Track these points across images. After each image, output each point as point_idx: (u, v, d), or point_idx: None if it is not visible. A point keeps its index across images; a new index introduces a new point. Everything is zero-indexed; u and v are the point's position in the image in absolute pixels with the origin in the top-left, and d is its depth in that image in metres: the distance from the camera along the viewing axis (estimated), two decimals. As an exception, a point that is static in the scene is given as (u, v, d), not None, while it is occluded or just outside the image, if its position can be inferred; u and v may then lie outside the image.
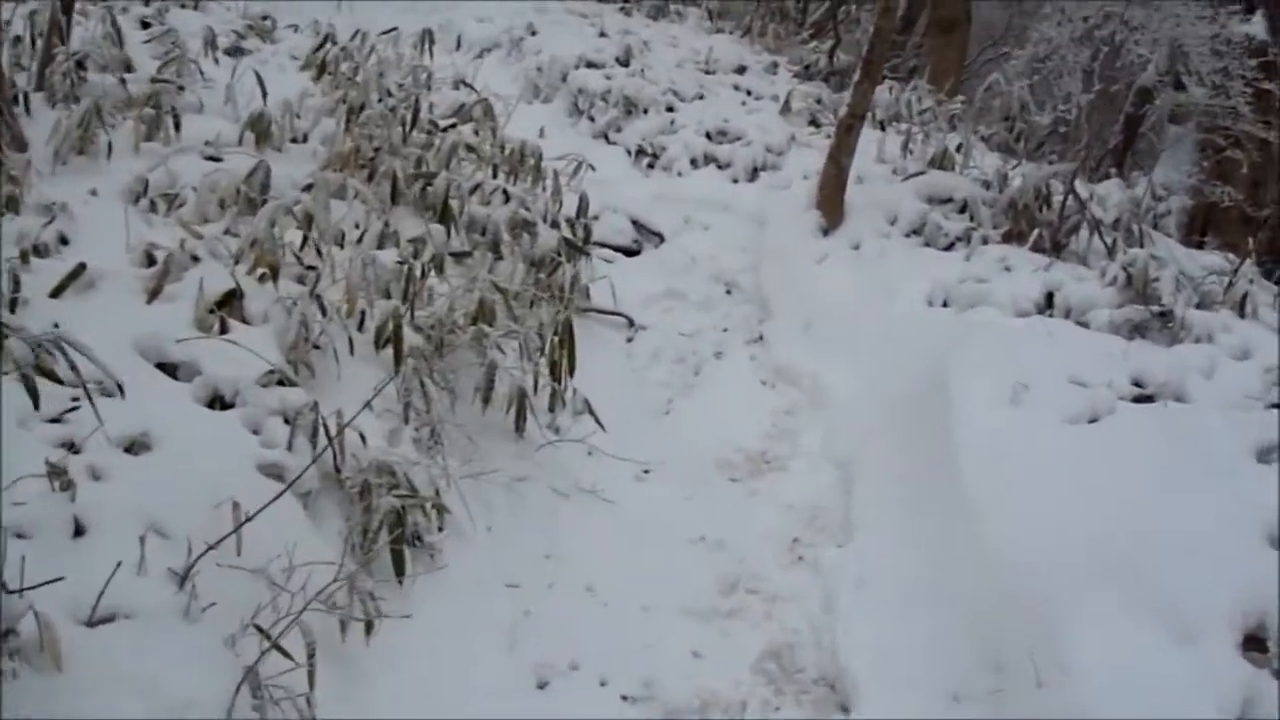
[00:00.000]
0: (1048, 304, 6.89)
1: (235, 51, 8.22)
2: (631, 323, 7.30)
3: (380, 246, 5.36)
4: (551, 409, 5.75)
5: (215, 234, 4.94)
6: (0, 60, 5.54)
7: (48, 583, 2.75)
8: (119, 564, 2.97)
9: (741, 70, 11.70)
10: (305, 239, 4.98)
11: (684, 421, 6.62)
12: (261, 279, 4.59)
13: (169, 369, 4.06)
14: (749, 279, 8.21)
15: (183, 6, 8.98)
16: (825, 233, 8.25)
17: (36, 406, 3.34)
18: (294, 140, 6.50)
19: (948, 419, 5.53)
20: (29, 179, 4.81)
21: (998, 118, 10.09)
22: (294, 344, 4.30)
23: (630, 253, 8.44)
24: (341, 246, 5.38)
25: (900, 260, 7.76)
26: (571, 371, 5.71)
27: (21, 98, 5.80)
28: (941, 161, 8.92)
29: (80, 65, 6.30)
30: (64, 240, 4.62)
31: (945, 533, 4.99)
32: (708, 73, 11.41)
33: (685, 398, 6.86)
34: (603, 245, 8.24)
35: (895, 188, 8.58)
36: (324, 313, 4.47)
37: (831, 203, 8.33)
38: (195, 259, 4.50)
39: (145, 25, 8.10)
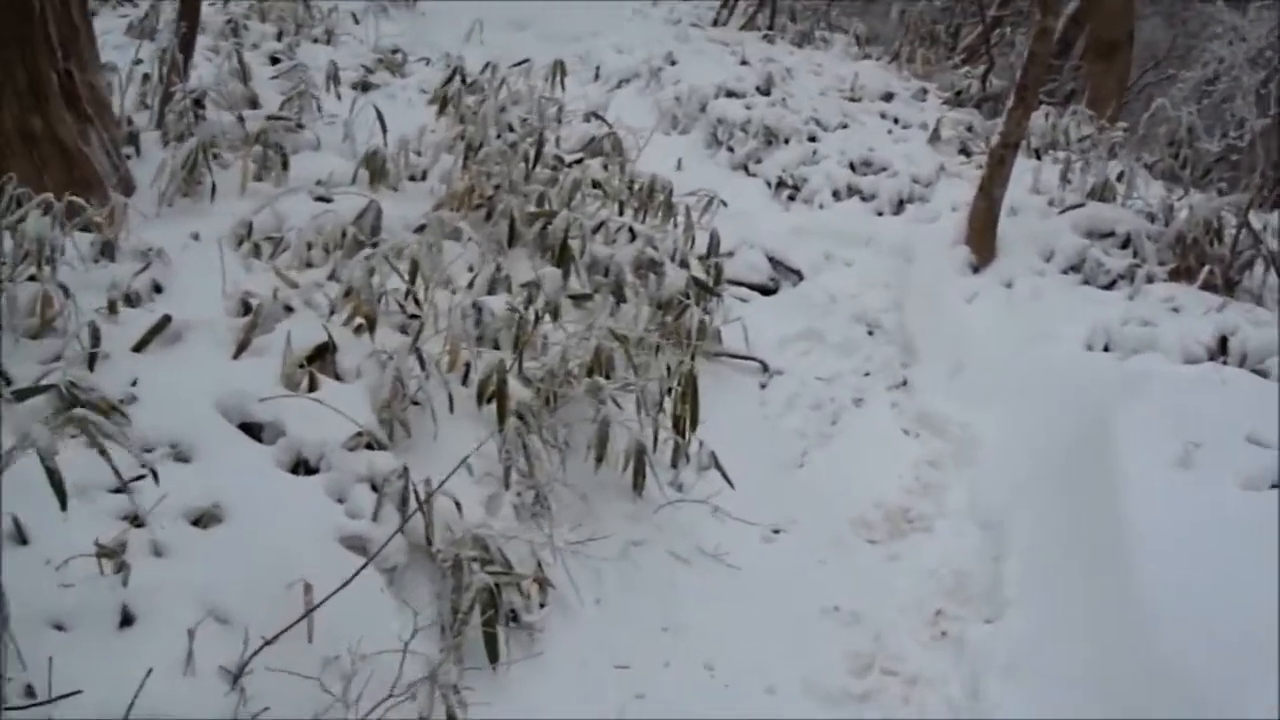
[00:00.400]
0: (1221, 349, 6.30)
1: (363, 86, 8.07)
2: (765, 367, 6.89)
3: (492, 292, 5.06)
4: (674, 464, 5.37)
5: (319, 280, 4.69)
6: (111, 99, 5.37)
7: (65, 696, 2.44)
8: (149, 670, 2.63)
9: (888, 97, 11.22)
10: (411, 286, 4.69)
11: (819, 474, 6.17)
12: (358, 330, 4.31)
13: (253, 429, 3.79)
14: (892, 319, 7.74)
15: (315, 41, 8.87)
16: (975, 270, 7.75)
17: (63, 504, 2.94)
18: (412, 178, 6.27)
19: (1111, 481, 5.02)
20: (127, 223, 4.62)
21: (1162, 144, 9.44)
22: (387, 401, 3.99)
23: (766, 291, 8.04)
24: (453, 292, 5.10)
25: (1057, 300, 7.23)
26: (694, 425, 5.31)
27: (133, 137, 5.66)
28: (1102, 193, 8.34)
29: (198, 103, 6.15)
30: (158, 289, 4.41)
31: (1106, 613, 4.46)
32: (853, 100, 10.96)
33: (821, 448, 6.41)
34: (737, 284, 7.86)
35: (1051, 221, 8.03)
36: (423, 366, 4.16)
37: (982, 237, 7.82)
38: (288, 309, 4.24)
39: (274, 60, 7.99)
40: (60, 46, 4.87)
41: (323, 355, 4.11)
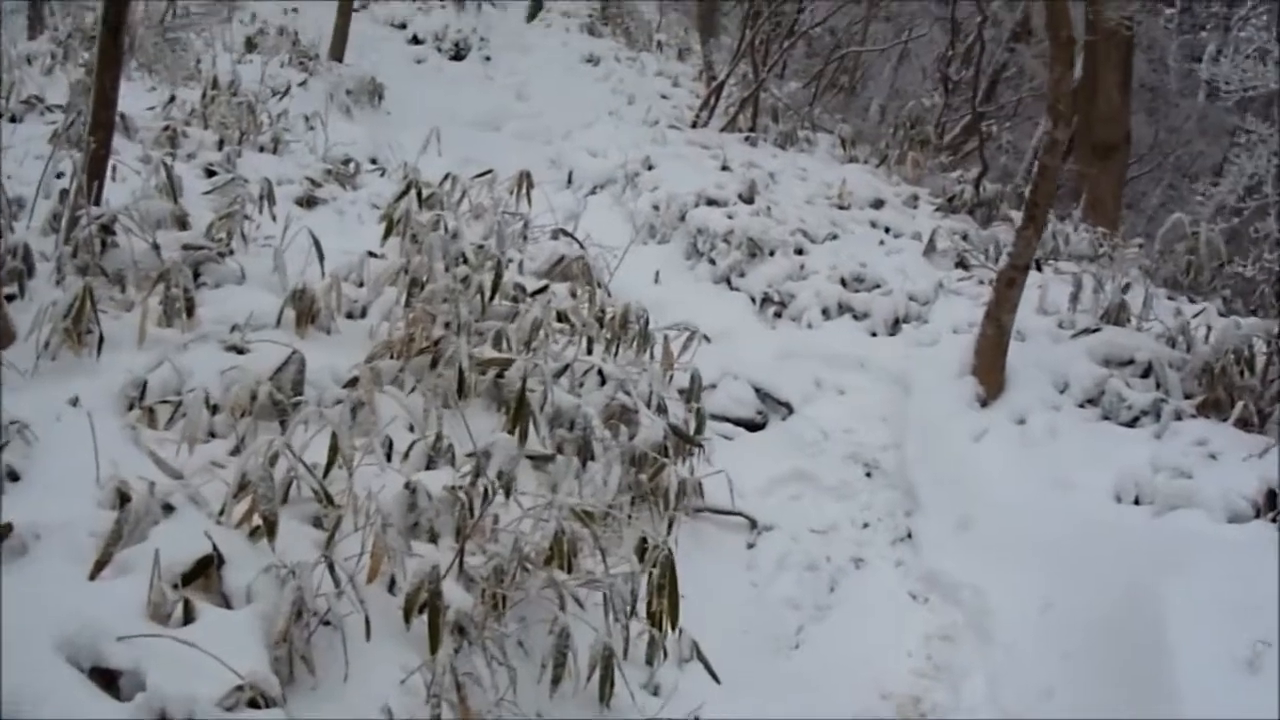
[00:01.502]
0: (1269, 505, 5.55)
1: (308, 201, 7.32)
2: (753, 524, 6.09)
3: (431, 464, 4.26)
4: (649, 661, 4.55)
5: (217, 457, 3.89)
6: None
7: None
8: None
9: (878, 204, 10.57)
10: (328, 466, 3.88)
11: (817, 656, 5.37)
12: (254, 534, 3.49)
13: (107, 678, 2.95)
14: (892, 459, 7.00)
15: (260, 150, 8.13)
16: (983, 403, 7.04)
17: None
18: (350, 315, 5.49)
19: (1165, 687, 4.25)
20: (-11, 389, 3.83)
21: (1180, 262, 8.77)
22: (284, 632, 3.15)
23: (753, 426, 7.32)
24: (382, 467, 4.30)
25: (1075, 440, 6.51)
26: (674, 621, 4.48)
27: (19, 275, 4.86)
28: (1117, 315, 7.64)
29: (106, 229, 5.37)
30: (13, 476, 3.60)
31: None
32: (841, 208, 10.30)
33: (818, 622, 5.62)
34: (721, 419, 7.12)
35: (1064, 347, 7.34)
36: (336, 581, 3.34)
37: (990, 368, 7.11)
38: (168, 507, 3.43)
39: (210, 173, 7.24)
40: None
41: (205, 571, 3.27)
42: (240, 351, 4.66)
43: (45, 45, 10.21)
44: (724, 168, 10.68)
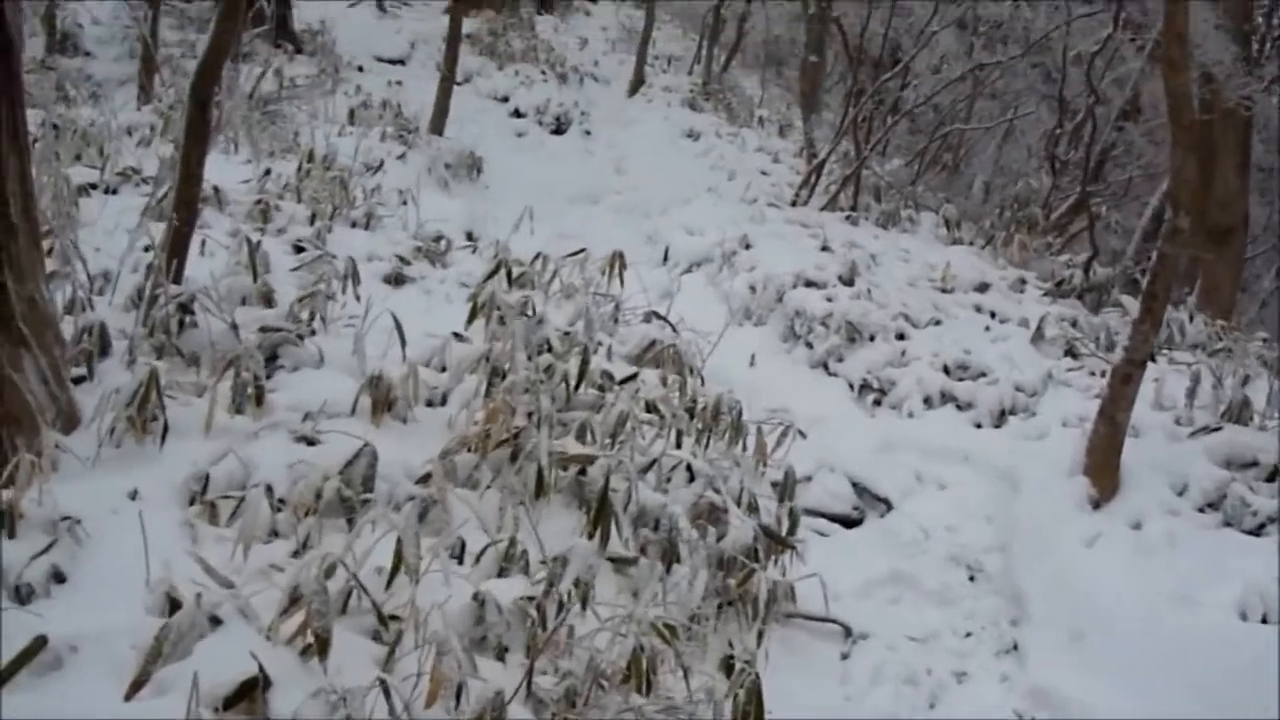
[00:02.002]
0: None
1: (396, 279, 7.17)
2: (848, 632, 5.73)
3: (504, 571, 4.00)
4: (735, 791, 4.22)
5: (280, 559, 3.67)
6: (47, 308, 4.43)
7: None
8: None
9: (983, 288, 10.19)
10: (394, 572, 3.64)
11: (917, 786, 5.00)
12: (305, 651, 3.25)
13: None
14: (997, 562, 6.60)
15: (353, 225, 8.02)
16: (1096, 505, 6.63)
17: None
18: (429, 403, 5.27)
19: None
20: (42, 479, 3.63)
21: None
22: (332, 769, 2.90)
23: (849, 523, 6.97)
24: (460, 561, 4.05)
25: (1196, 548, 6.09)
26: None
27: (89, 356, 4.71)
28: (1239, 413, 7.20)
29: (185, 309, 5.23)
30: (59, 578, 3.42)
31: None
32: (944, 291, 9.95)
33: (919, 743, 5.24)
34: (815, 514, 6.80)
35: (1181, 446, 6.92)
36: (391, 708, 3.07)
37: (1104, 468, 6.70)
38: (215, 620, 3.20)
39: (298, 249, 7.13)
40: (-8, 254, 3.99)
41: (249, 693, 3.03)
42: (311, 443, 4.46)
43: (148, 116, 10.28)
44: (824, 248, 10.39)
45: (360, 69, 15.93)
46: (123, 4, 15.27)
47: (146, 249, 6.16)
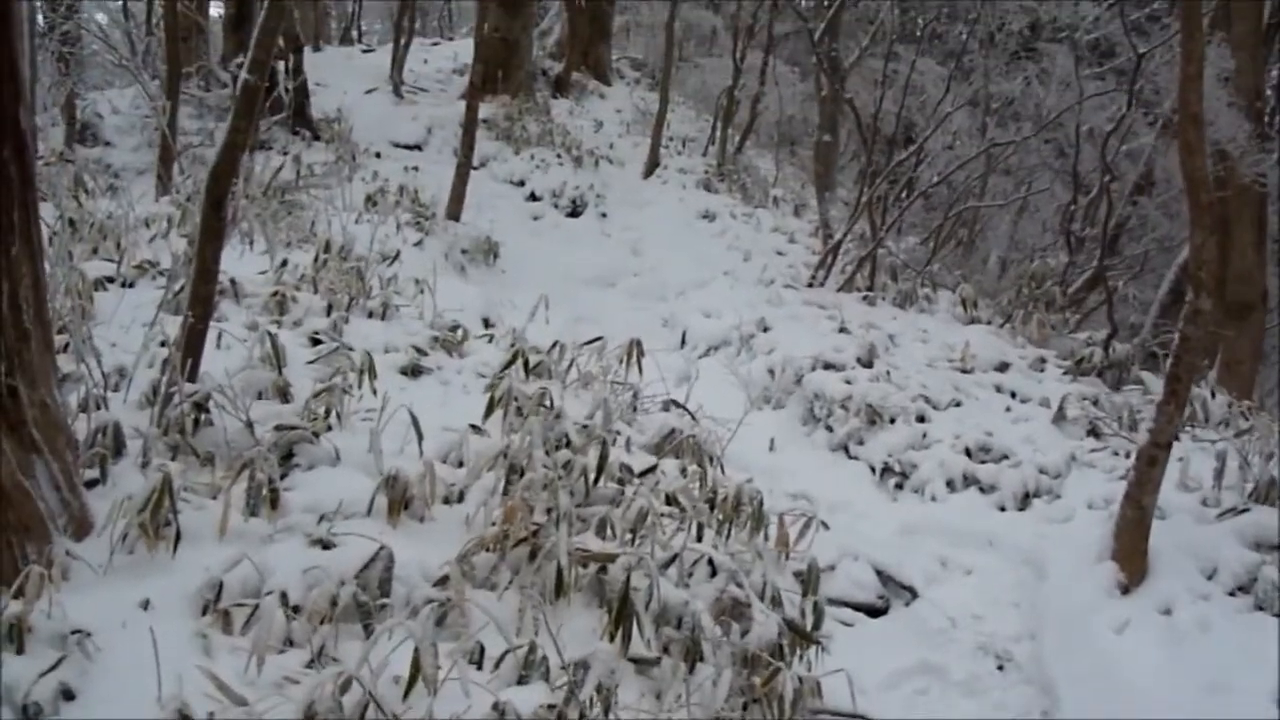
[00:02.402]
0: None
1: (413, 370, 7.12)
2: (875, 727, 5.61)
3: (524, 677, 3.92)
4: None
5: (294, 670, 3.59)
6: (59, 412, 4.39)
7: None
8: None
9: (1003, 368, 10.15)
10: (411, 683, 3.55)
11: None
12: (318, 777, 3.17)
13: None
14: (1026, 651, 6.49)
15: (370, 316, 8.00)
16: (1124, 590, 6.54)
17: None
18: (446, 500, 5.20)
19: None
20: (50, 591, 3.57)
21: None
22: None
23: (874, 611, 6.87)
24: (479, 666, 3.97)
25: (1228, 634, 6.00)
26: None
27: (103, 460, 4.67)
28: (1267, 493, 7.09)
29: (200, 407, 5.20)
30: (68, 695, 3.34)
31: None
32: (964, 371, 9.90)
33: None
34: (840, 603, 6.70)
35: (1209, 529, 6.84)
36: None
37: (1131, 552, 6.61)
38: (225, 740, 3.13)
39: (315, 341, 7.10)
40: (4, 358, 3.95)
41: (261, 822, 2.96)
42: (326, 546, 4.38)
43: (166, 208, 10.32)
44: (842, 329, 10.37)
45: (377, 155, 16.00)
46: (142, 93, 15.44)
47: (162, 344, 6.14)
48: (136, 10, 19.06)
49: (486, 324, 9.57)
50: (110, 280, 7.70)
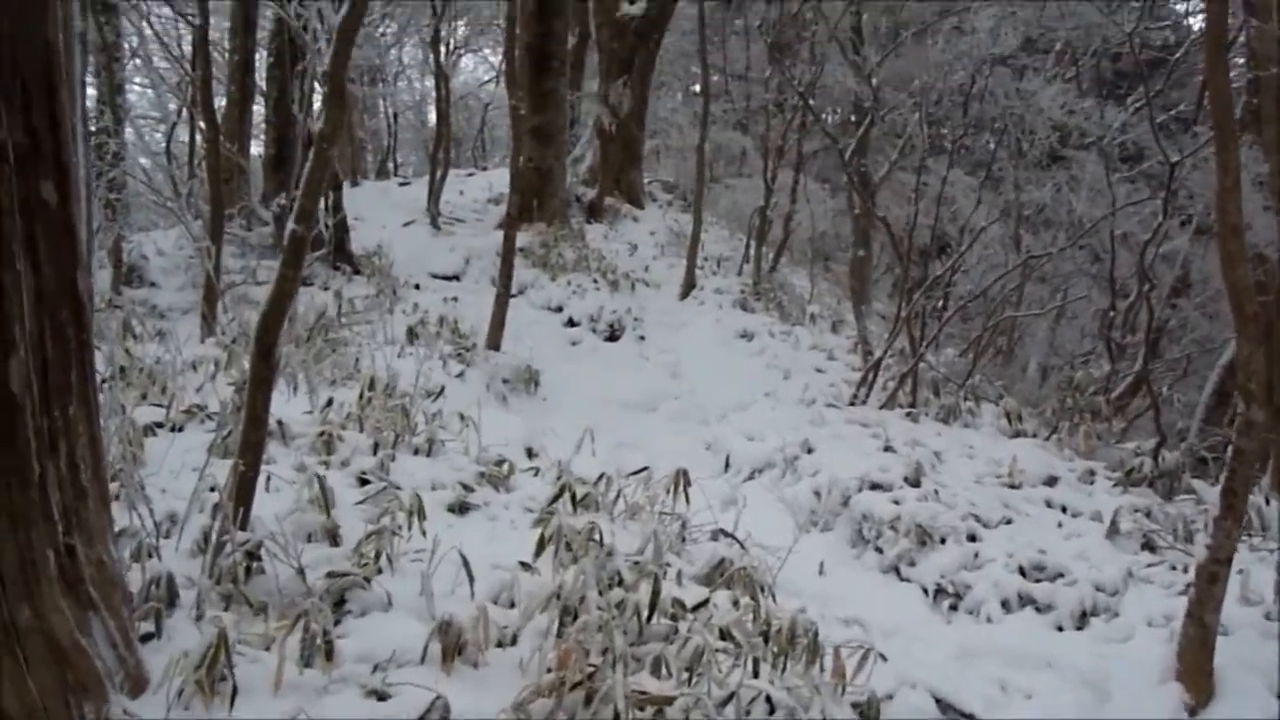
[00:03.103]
0: None
1: (460, 508, 7.15)
2: None
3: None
4: None
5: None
6: (115, 567, 4.41)
7: None
8: None
9: (1052, 482, 10.04)
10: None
11: None
12: None
13: None
14: (1092, 780, 6.31)
15: (415, 453, 8.04)
16: (1191, 712, 6.37)
17: None
18: (500, 644, 5.17)
19: None
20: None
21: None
22: None
23: (936, 742, 6.70)
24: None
25: (1303, 757, 5.81)
26: None
27: (158, 611, 4.68)
28: (1334, 610, 6.96)
29: (252, 555, 5.22)
30: None
31: None
32: (1012, 487, 9.80)
33: None
34: (901, 735, 6.56)
35: (1275, 644, 6.66)
36: None
37: (1196, 672, 6.44)
38: None
39: (363, 481, 7.14)
40: (63, 518, 3.99)
41: None
42: (381, 697, 4.36)
43: (212, 350, 10.47)
44: (887, 448, 10.31)
45: (416, 287, 16.22)
46: (185, 234, 15.75)
47: (212, 489, 6.18)
48: (178, 151, 19.50)
49: (530, 453, 9.61)
50: (159, 425, 7.80)
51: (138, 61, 19.76)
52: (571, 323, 16.02)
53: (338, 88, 5.80)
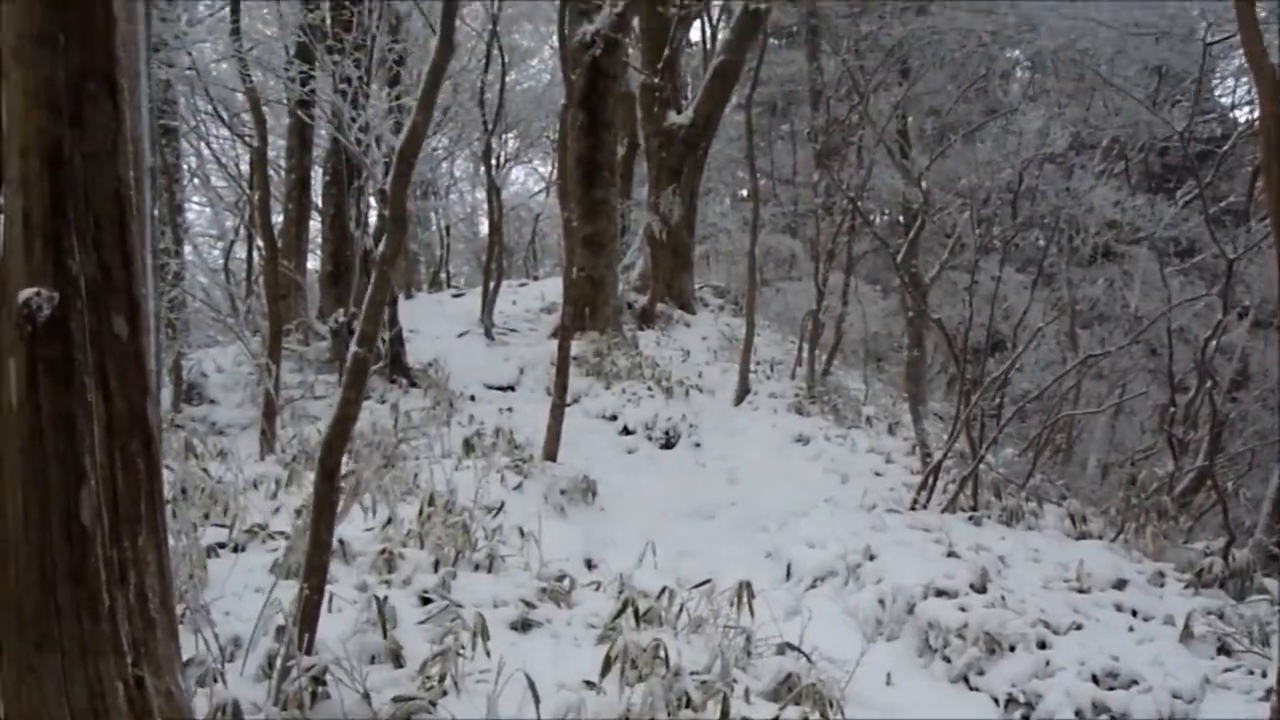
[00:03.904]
0: None
1: (523, 625, 7.11)
2: None
3: None
4: None
5: None
6: (183, 698, 4.40)
7: None
8: None
9: (1121, 585, 9.83)
10: None
11: None
12: None
13: None
14: None
15: (476, 569, 8.03)
16: (1282, 832, 6.15)
17: None
18: (571, 769, 5.13)
19: None
20: None
21: None
22: None
23: None
24: None
25: None
26: None
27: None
28: None
29: (317, 680, 5.21)
30: None
31: None
32: (1080, 591, 9.61)
33: None
34: None
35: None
36: None
37: (1282, 782, 6.25)
38: None
39: (425, 601, 7.12)
40: (132, 649, 4.01)
41: None
42: (451, 827, 4.32)
43: (273, 468, 10.55)
44: (950, 553, 10.17)
45: (472, 398, 16.29)
46: (243, 350, 15.97)
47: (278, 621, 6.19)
48: (236, 268, 19.87)
49: (589, 564, 9.57)
50: (222, 546, 7.83)
51: (196, 181, 20.26)
52: (627, 431, 16.01)
53: (398, 210, 5.89)
